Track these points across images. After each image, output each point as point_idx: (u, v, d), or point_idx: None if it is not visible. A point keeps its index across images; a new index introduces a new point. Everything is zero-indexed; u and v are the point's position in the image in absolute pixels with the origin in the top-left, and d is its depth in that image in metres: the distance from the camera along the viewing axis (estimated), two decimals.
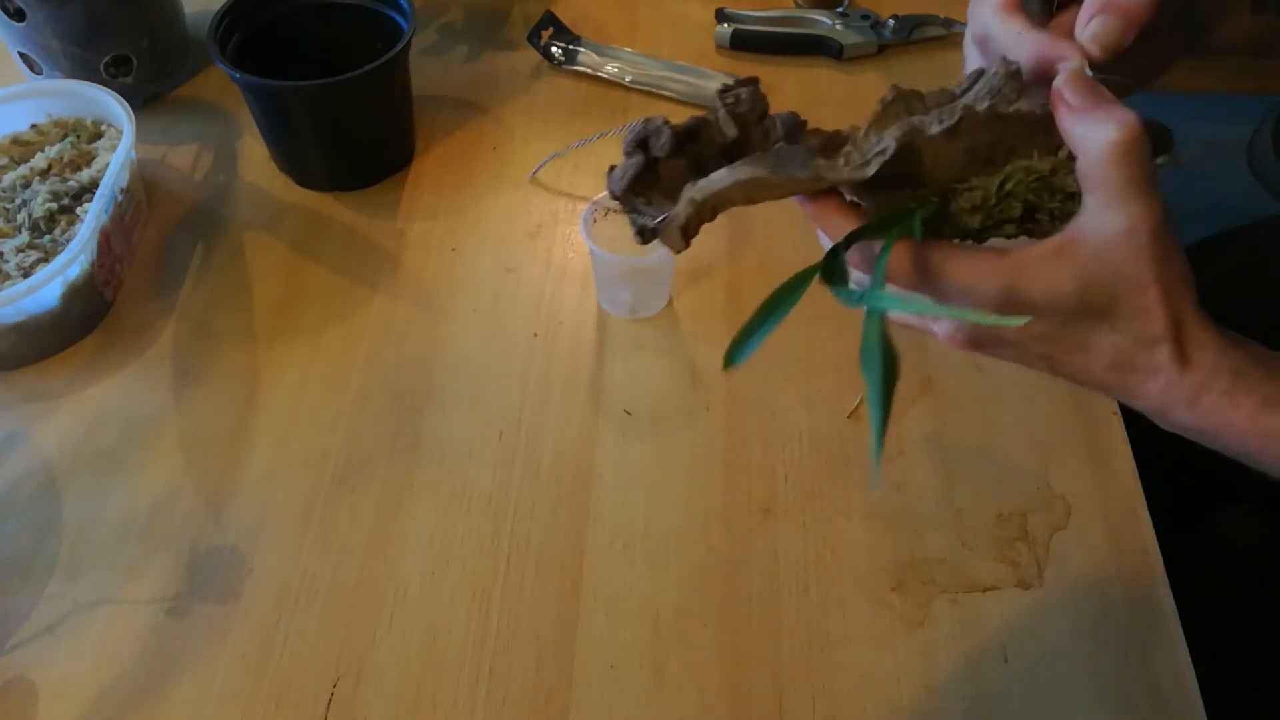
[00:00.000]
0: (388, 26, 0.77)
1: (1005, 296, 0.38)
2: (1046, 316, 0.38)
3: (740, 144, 0.39)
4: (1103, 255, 0.37)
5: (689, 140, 0.39)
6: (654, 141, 0.39)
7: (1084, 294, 0.38)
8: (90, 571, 0.58)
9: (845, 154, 0.38)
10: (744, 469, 0.62)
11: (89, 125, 0.77)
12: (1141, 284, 0.37)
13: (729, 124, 0.39)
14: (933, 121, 0.37)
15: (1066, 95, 0.37)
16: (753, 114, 0.40)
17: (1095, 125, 0.36)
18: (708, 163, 0.39)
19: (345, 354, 0.68)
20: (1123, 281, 0.37)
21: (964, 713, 0.52)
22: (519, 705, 0.53)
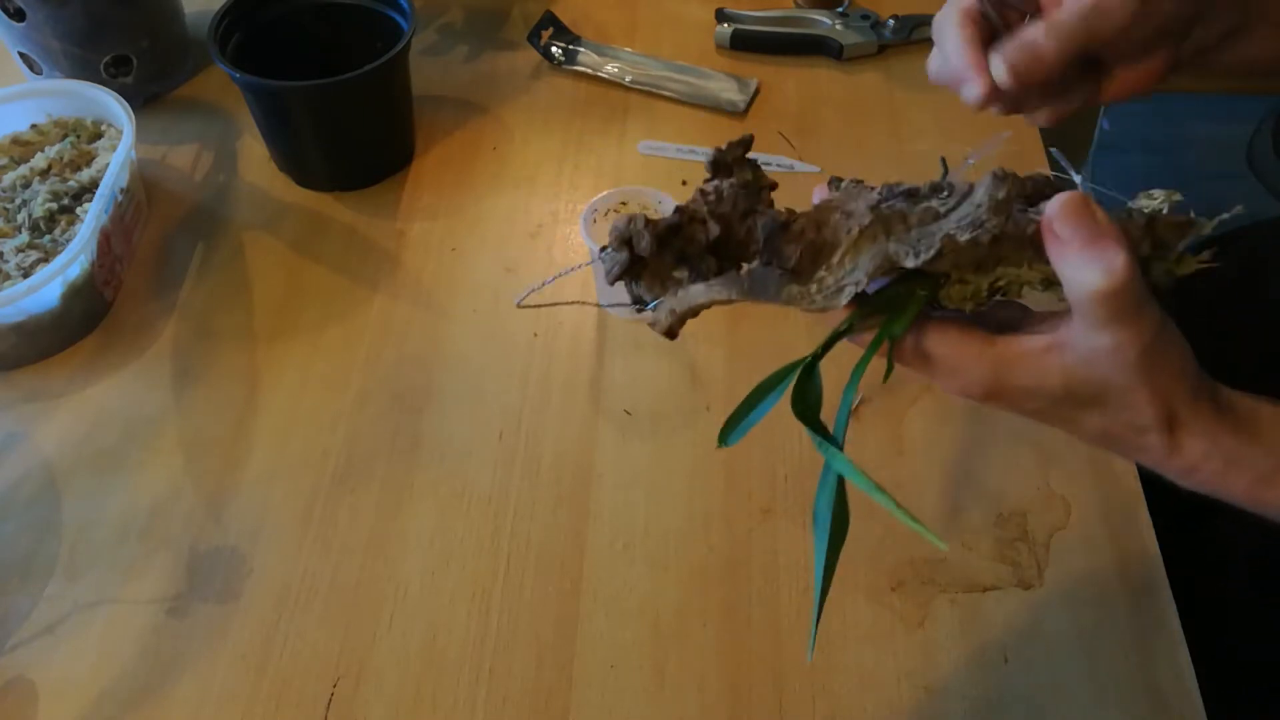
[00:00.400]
0: (388, 26, 0.77)
1: (993, 382, 0.39)
2: (1035, 399, 0.39)
3: (724, 240, 0.40)
4: (1088, 365, 0.38)
5: (671, 237, 0.39)
6: (636, 241, 0.39)
7: (1070, 390, 0.38)
8: (90, 571, 0.58)
9: (819, 279, 0.38)
10: (744, 469, 0.62)
11: (89, 125, 0.77)
12: (1128, 389, 0.38)
13: (711, 223, 0.39)
14: (909, 252, 0.37)
15: (1057, 228, 0.36)
16: (735, 211, 0.40)
17: (1081, 267, 0.36)
18: (692, 258, 0.40)
19: (345, 354, 0.68)
20: (1109, 386, 0.38)
21: (964, 713, 0.52)
22: (519, 705, 0.53)
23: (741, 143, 0.41)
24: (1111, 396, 0.38)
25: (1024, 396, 0.39)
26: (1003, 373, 0.39)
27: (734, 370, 0.66)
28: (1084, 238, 0.36)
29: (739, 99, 0.84)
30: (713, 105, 0.84)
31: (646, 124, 0.84)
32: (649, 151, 0.81)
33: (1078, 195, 0.36)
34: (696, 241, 0.39)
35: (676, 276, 0.40)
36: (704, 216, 0.39)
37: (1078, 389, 0.38)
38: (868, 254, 0.38)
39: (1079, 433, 0.40)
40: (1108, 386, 0.38)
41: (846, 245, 0.38)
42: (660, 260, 0.39)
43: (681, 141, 0.82)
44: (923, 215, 0.38)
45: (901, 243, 0.37)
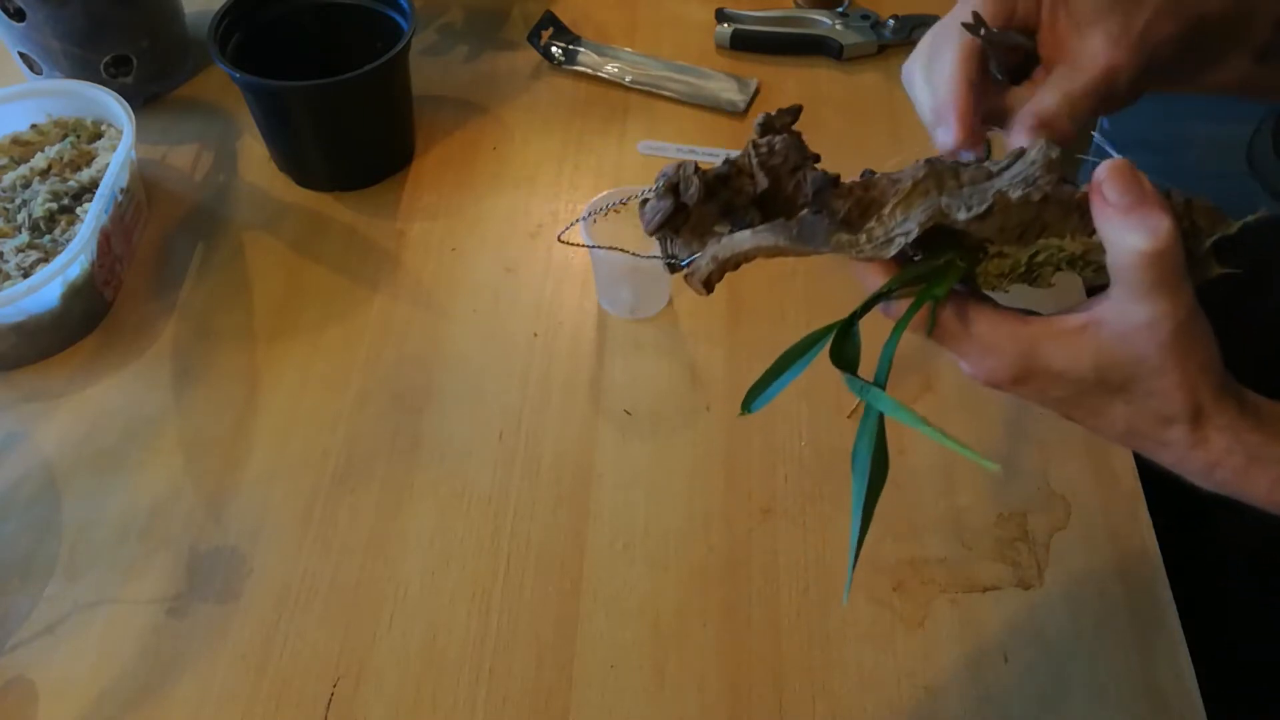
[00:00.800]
0: (388, 26, 0.77)
1: (1024, 363, 0.39)
2: (1063, 385, 0.39)
3: (771, 195, 0.39)
4: (1123, 341, 0.38)
5: (719, 187, 0.39)
6: (684, 188, 0.39)
7: (1101, 372, 0.38)
8: (90, 571, 0.58)
9: (869, 230, 0.38)
10: (744, 469, 0.62)
11: (89, 125, 0.77)
12: (1160, 371, 0.38)
13: (761, 175, 0.39)
14: (960, 206, 0.37)
15: (1105, 190, 0.37)
16: (785, 166, 0.40)
17: (1127, 230, 0.36)
18: (738, 210, 0.40)
19: (345, 354, 0.68)
20: (1141, 366, 0.38)
21: (964, 713, 0.52)
22: (519, 705, 0.53)
23: (791, 110, 0.41)
24: (1141, 380, 0.38)
25: (1053, 381, 0.39)
26: (1035, 353, 0.39)
27: (734, 370, 0.66)
28: (1131, 201, 0.36)
29: (739, 99, 0.84)
30: (713, 105, 0.84)
31: (646, 124, 0.83)
32: (649, 151, 0.81)
33: (1125, 162, 0.37)
34: (744, 193, 0.39)
35: (718, 231, 0.40)
36: (753, 170, 0.39)
37: (1108, 372, 0.38)
38: (919, 207, 0.38)
39: (1103, 425, 0.40)
40: (1139, 367, 0.38)
41: (899, 196, 0.38)
42: (704, 211, 0.39)
43: (681, 141, 0.82)
44: (974, 174, 0.38)
45: (954, 197, 0.38)
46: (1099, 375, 0.38)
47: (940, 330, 0.40)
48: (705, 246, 0.40)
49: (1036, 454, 0.62)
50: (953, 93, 0.47)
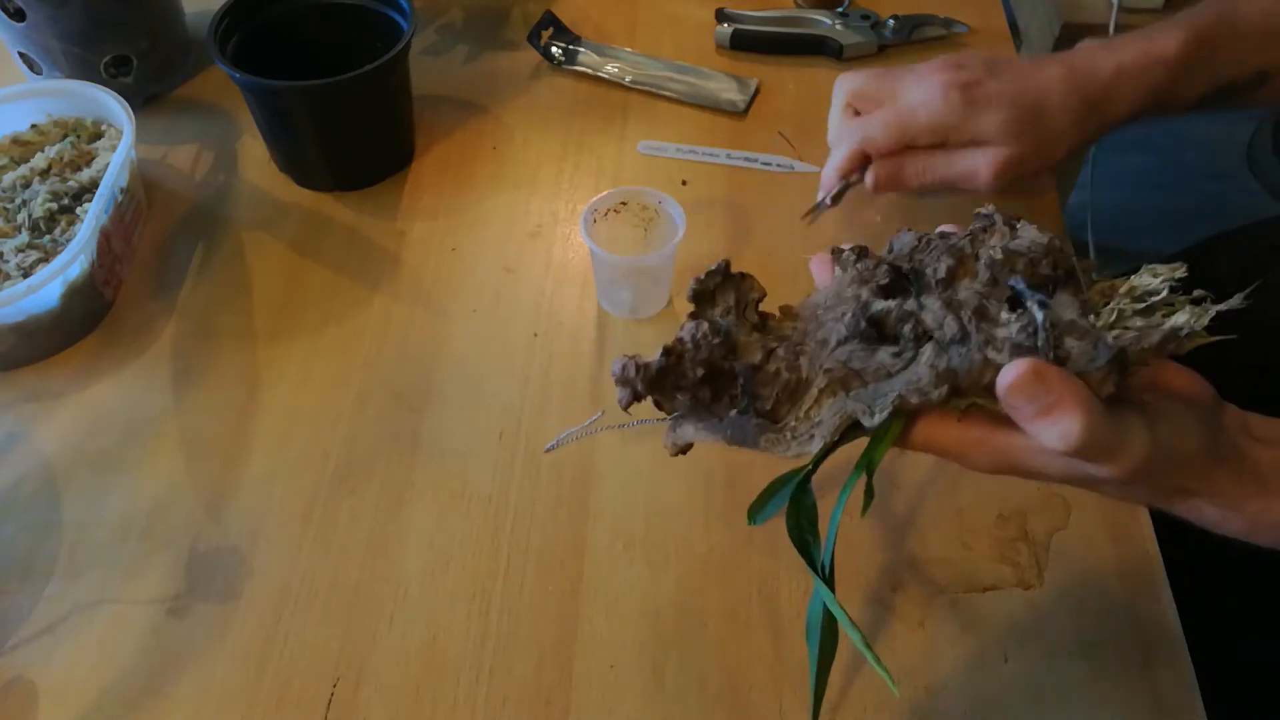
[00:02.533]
0: (388, 26, 0.77)
1: (1003, 465, 0.40)
2: (1045, 475, 0.40)
3: (710, 378, 0.42)
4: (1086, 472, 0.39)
5: (663, 378, 0.42)
6: (633, 384, 0.42)
7: (1072, 479, 0.40)
8: (90, 571, 0.58)
9: (792, 428, 0.41)
10: (744, 469, 0.62)
11: (89, 125, 0.77)
12: (1130, 487, 0.40)
13: (694, 367, 0.42)
14: (865, 411, 0.39)
15: (1010, 401, 0.37)
16: (716, 353, 0.42)
17: (1041, 433, 0.36)
18: (688, 388, 0.43)
19: (345, 354, 0.68)
20: (1110, 485, 0.40)
21: (964, 713, 0.52)
22: (519, 705, 0.53)
23: (718, 270, 0.44)
24: (1117, 488, 0.40)
25: (1034, 474, 0.40)
26: (1009, 460, 0.40)
27: None
28: (1036, 408, 0.36)
29: (739, 99, 0.84)
30: (713, 105, 0.84)
31: (646, 124, 0.84)
32: (649, 151, 0.81)
33: (1026, 369, 0.36)
34: (687, 378, 0.42)
35: (680, 399, 0.43)
36: (687, 359, 0.42)
37: (1080, 480, 0.40)
38: (829, 408, 0.40)
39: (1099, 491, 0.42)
40: (1109, 484, 0.40)
41: (810, 400, 0.41)
42: (662, 391, 0.42)
43: (681, 141, 0.82)
44: (876, 372, 0.40)
45: (859, 400, 0.39)
46: (1070, 479, 0.40)
47: (913, 448, 0.41)
48: (681, 404, 0.43)
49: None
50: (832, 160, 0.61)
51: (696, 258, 0.72)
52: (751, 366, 0.42)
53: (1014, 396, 0.36)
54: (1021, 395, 0.36)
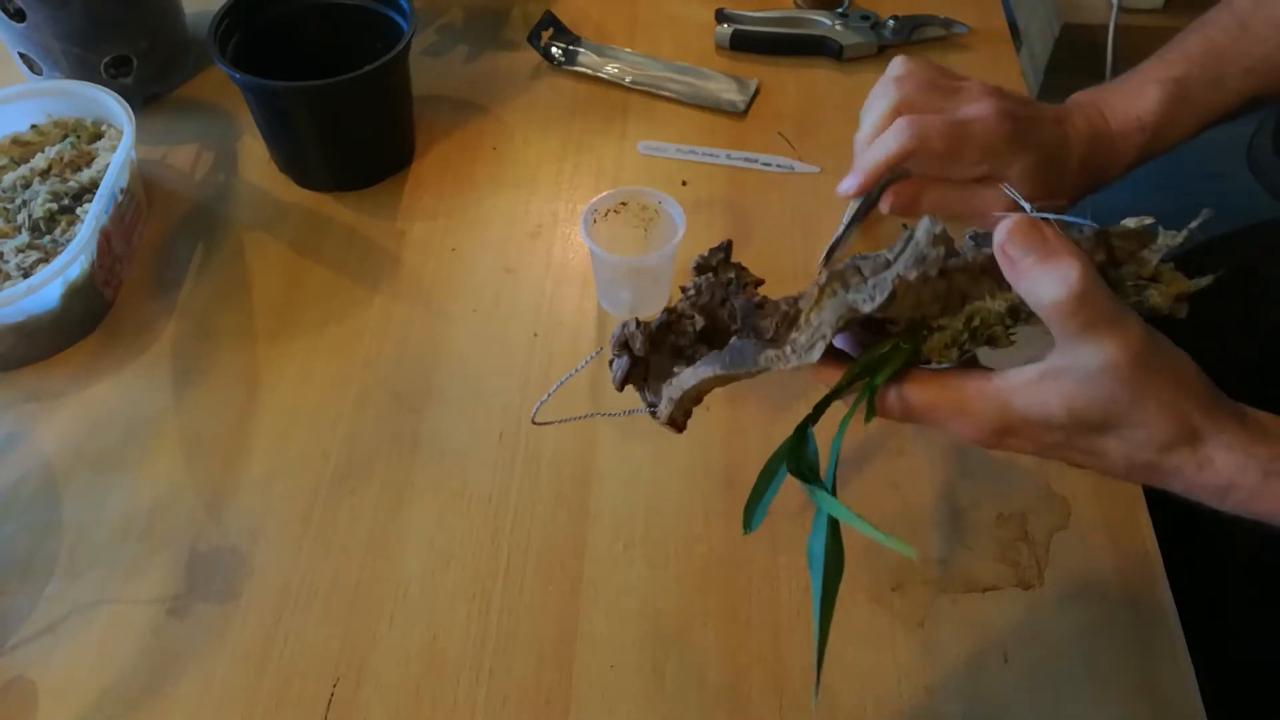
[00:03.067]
0: (388, 26, 0.77)
1: (1001, 417, 0.39)
2: (1049, 431, 0.39)
3: (711, 329, 0.43)
4: (1086, 385, 0.38)
5: (664, 334, 0.43)
6: (632, 343, 0.43)
7: (1076, 415, 0.38)
8: (90, 571, 0.58)
9: (792, 340, 0.41)
10: (744, 469, 0.62)
11: (89, 125, 0.77)
12: (1135, 403, 0.38)
13: (696, 315, 0.43)
14: (865, 299, 0.39)
15: (1007, 250, 0.37)
16: (714, 300, 0.43)
17: (1038, 283, 0.36)
18: (686, 351, 0.43)
19: (345, 354, 0.68)
20: (1114, 405, 0.38)
21: (964, 713, 0.52)
22: (519, 705, 0.53)
23: (721, 248, 0.45)
24: (1120, 415, 0.38)
25: (1037, 429, 0.39)
26: (1007, 405, 0.39)
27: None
28: (1036, 255, 0.36)
29: (739, 99, 0.84)
30: (713, 105, 0.84)
31: (646, 124, 0.84)
32: (649, 152, 0.81)
33: (1024, 217, 0.37)
34: (687, 334, 0.43)
35: (676, 373, 0.43)
36: (690, 312, 0.43)
37: (1083, 413, 0.38)
38: (829, 308, 0.40)
39: (1106, 466, 0.40)
40: (1112, 406, 0.38)
41: (809, 304, 0.41)
42: (660, 357, 0.43)
43: (681, 142, 0.82)
44: (875, 265, 0.40)
45: (858, 291, 0.39)
46: (1075, 418, 0.38)
47: (909, 408, 0.41)
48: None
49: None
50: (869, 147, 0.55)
51: None
52: (751, 298, 0.42)
53: (1013, 245, 0.37)
54: (1023, 238, 0.37)
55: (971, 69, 0.87)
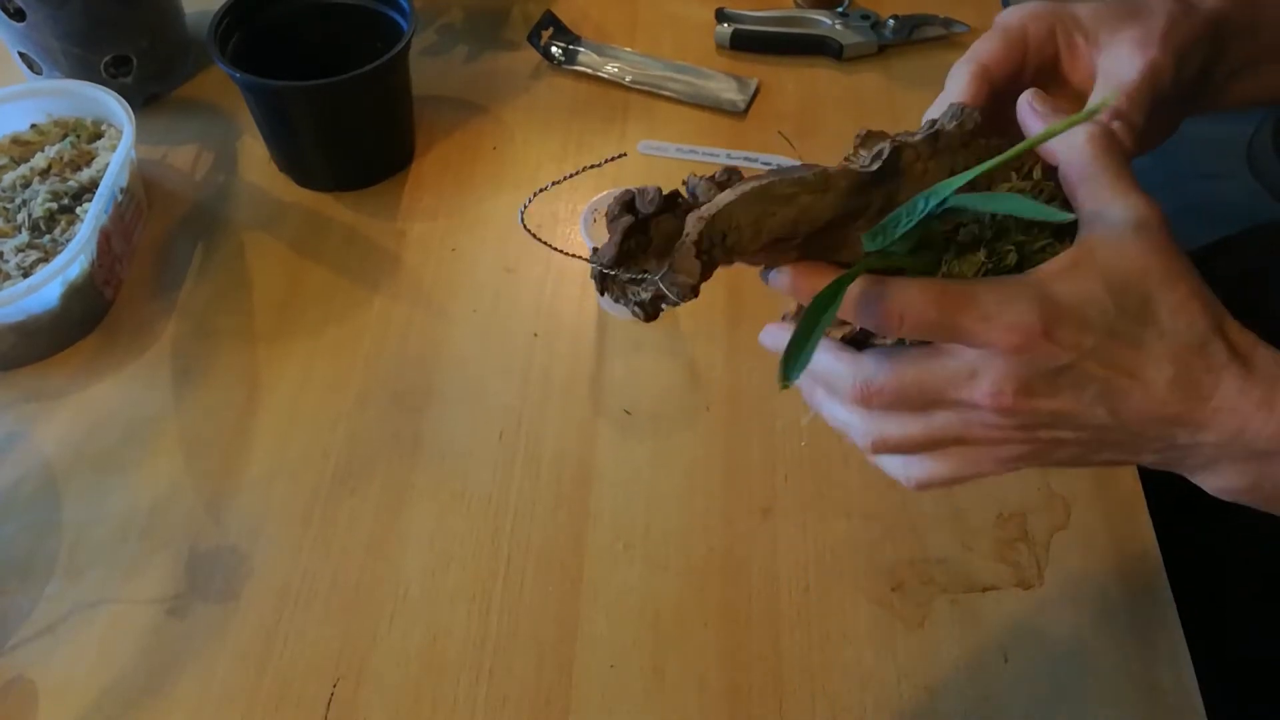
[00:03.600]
0: (388, 26, 0.77)
1: (1043, 310, 0.34)
2: (1089, 330, 0.35)
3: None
4: (1122, 254, 0.35)
5: (675, 200, 0.36)
6: (640, 200, 0.35)
7: (1117, 296, 0.35)
8: (90, 571, 0.58)
9: (845, 159, 0.38)
10: (744, 469, 0.62)
11: (89, 125, 0.77)
12: (1170, 277, 0.35)
13: (711, 188, 0.36)
14: (913, 136, 0.38)
15: (1036, 105, 0.39)
16: (731, 182, 0.37)
17: (1066, 129, 0.37)
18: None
19: (345, 354, 0.68)
20: (1150, 278, 0.35)
21: (964, 713, 0.52)
22: (519, 705, 0.53)
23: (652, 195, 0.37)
24: (1158, 296, 0.35)
25: (1079, 330, 0.34)
26: (1049, 295, 0.35)
27: (734, 370, 0.66)
28: (1061, 106, 0.39)
29: (739, 99, 0.84)
30: (713, 105, 0.84)
31: (646, 124, 0.84)
32: (649, 151, 0.81)
33: (1035, 90, 0.40)
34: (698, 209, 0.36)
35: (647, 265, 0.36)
36: (702, 187, 0.37)
37: (1122, 295, 0.35)
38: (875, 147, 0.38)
39: (1150, 395, 0.35)
40: (1149, 279, 0.35)
41: (854, 147, 0.39)
42: (666, 224, 0.36)
43: (681, 141, 0.82)
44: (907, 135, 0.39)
45: (908, 135, 0.38)
46: (1117, 301, 0.35)
47: (940, 309, 0.35)
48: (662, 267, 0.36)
49: None
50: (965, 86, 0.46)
51: None
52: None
53: (1040, 96, 0.40)
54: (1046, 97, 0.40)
55: None
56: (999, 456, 0.38)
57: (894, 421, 0.39)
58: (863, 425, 0.40)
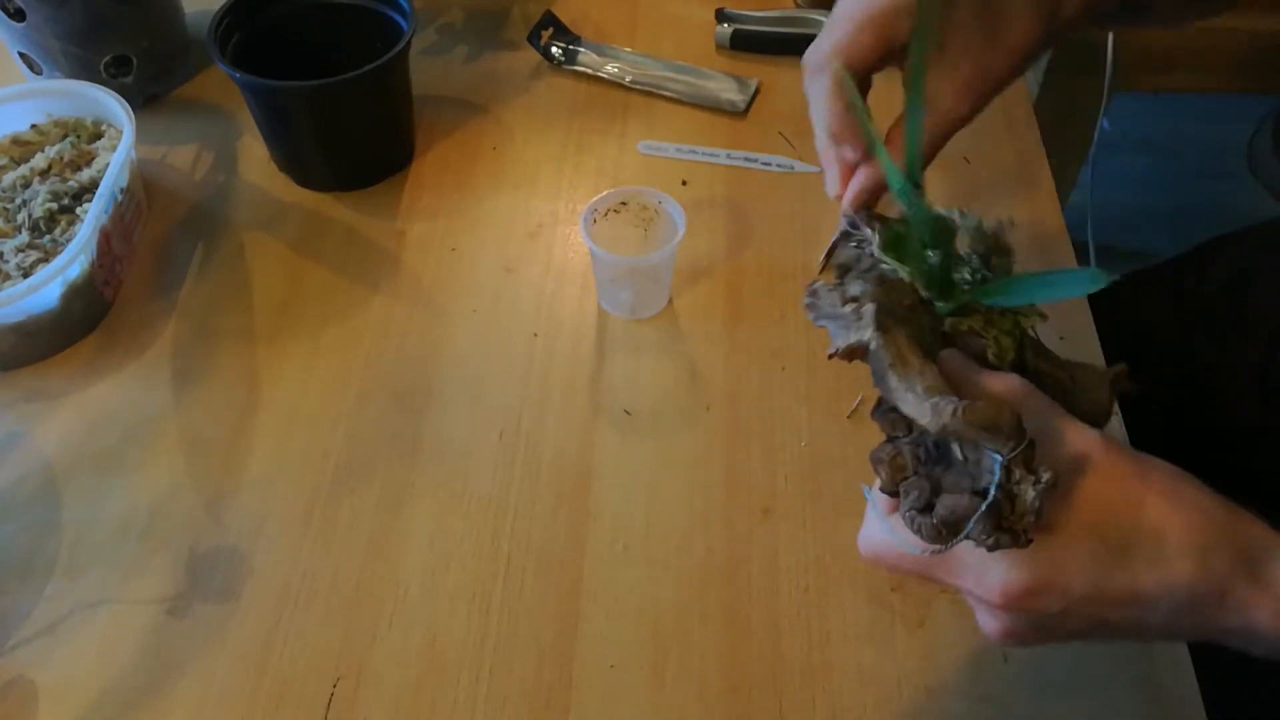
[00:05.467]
0: (388, 26, 0.77)
1: (1038, 584, 0.37)
2: (1085, 578, 0.37)
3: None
4: (1086, 496, 0.37)
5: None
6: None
7: (1103, 538, 0.37)
8: (90, 571, 0.58)
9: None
10: (744, 469, 0.62)
11: (89, 125, 0.77)
12: (1136, 501, 0.37)
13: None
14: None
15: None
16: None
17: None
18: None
19: (345, 354, 0.68)
20: (1120, 510, 0.37)
21: (964, 713, 0.52)
22: (519, 705, 0.53)
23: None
24: (1132, 526, 0.37)
25: (1074, 591, 0.37)
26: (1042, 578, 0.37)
27: (734, 370, 0.66)
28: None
29: (739, 99, 0.84)
30: (713, 105, 0.84)
31: (646, 124, 0.84)
32: (649, 151, 0.81)
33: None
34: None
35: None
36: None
37: (1104, 535, 0.37)
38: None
39: (1152, 611, 0.38)
40: (1120, 510, 0.37)
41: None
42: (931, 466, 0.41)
43: (681, 141, 0.82)
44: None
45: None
46: (1105, 544, 0.37)
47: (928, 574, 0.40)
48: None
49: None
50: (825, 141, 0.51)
51: (696, 258, 0.72)
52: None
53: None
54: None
55: None
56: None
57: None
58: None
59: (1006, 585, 0.37)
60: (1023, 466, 0.38)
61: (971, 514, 0.37)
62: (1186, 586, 0.36)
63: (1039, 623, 0.39)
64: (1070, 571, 0.37)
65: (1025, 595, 0.37)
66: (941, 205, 0.46)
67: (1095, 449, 0.38)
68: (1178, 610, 0.37)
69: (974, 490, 0.38)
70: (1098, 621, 0.38)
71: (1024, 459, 0.38)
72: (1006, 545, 0.37)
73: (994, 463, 0.37)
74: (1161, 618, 0.37)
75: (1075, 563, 0.37)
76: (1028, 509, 0.37)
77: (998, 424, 0.37)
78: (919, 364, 0.41)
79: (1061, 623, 0.38)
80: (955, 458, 0.40)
